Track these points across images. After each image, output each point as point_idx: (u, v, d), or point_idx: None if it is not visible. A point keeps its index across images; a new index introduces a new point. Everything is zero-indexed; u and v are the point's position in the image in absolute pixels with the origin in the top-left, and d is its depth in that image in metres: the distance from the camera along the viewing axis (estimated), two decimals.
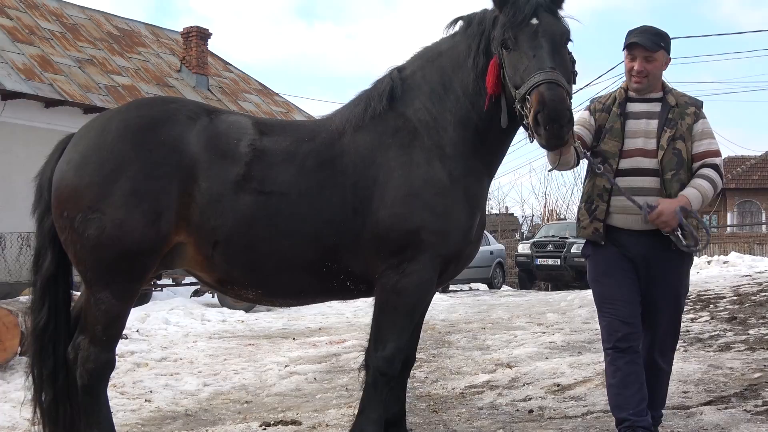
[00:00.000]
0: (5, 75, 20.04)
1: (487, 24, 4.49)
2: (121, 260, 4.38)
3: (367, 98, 4.69)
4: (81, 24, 25.61)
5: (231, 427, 6.42)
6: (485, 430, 5.78)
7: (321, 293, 4.89)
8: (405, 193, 4.37)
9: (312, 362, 9.58)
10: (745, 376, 6.75)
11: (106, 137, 4.49)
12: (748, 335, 8.84)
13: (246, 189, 4.40)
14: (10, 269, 18.51)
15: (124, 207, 4.33)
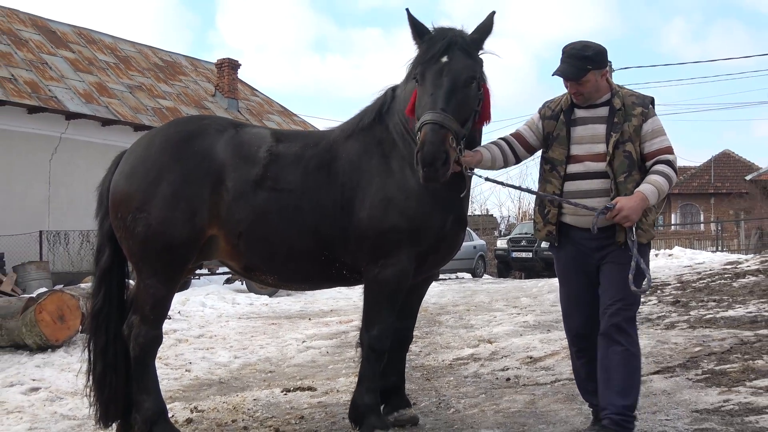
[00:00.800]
0: (68, 99, 20.05)
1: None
2: (164, 252, 4.46)
3: (364, 112, 4.65)
4: (131, 56, 25.63)
5: (257, 393, 6.42)
6: (470, 395, 5.78)
7: (323, 280, 4.80)
8: (380, 197, 4.29)
9: (325, 338, 9.60)
10: (687, 350, 6.75)
11: (150, 150, 4.63)
12: (689, 316, 8.84)
13: (263, 186, 4.42)
14: (73, 261, 18.52)
15: (166, 207, 4.42)
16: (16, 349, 9.35)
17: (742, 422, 4.39)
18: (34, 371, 7.80)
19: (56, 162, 19.60)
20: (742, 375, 5.57)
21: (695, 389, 5.32)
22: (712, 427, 4.33)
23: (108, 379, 4.76)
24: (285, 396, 6.21)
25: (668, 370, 6.04)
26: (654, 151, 4.01)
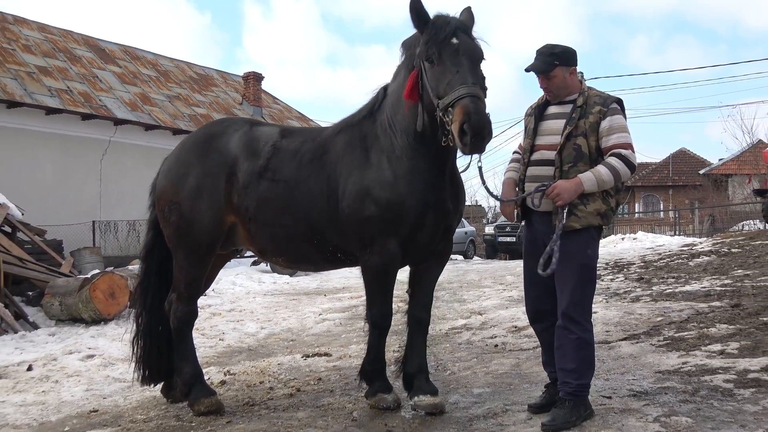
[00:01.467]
0: (116, 107, 20.07)
1: (413, 48, 4.01)
2: (193, 237, 4.50)
3: (359, 109, 4.39)
4: (170, 70, 25.60)
5: (281, 358, 6.44)
6: (463, 359, 5.78)
7: (323, 261, 4.53)
8: (358, 188, 4.02)
9: (338, 312, 9.62)
10: (650, 320, 6.74)
11: (182, 151, 4.73)
12: (652, 291, 8.83)
13: (264, 177, 4.33)
14: (121, 246, 18.57)
15: (192, 198, 4.47)
16: (74, 323, 9.40)
17: (698, 381, 4.39)
18: (89, 341, 7.85)
19: (106, 162, 19.62)
20: (698, 341, 5.57)
21: (658, 353, 5.31)
22: (672, 386, 4.33)
23: (147, 344, 4.84)
24: (305, 361, 6.22)
25: (634, 337, 6.03)
26: (609, 146, 3.77)
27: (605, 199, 3.82)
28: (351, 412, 4.33)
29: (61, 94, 18.82)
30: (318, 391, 5.02)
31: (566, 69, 3.93)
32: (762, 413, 3.67)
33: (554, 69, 3.89)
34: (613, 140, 3.79)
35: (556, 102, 4.01)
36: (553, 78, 3.92)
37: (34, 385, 5.91)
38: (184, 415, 4.54)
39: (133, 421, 4.53)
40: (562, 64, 3.90)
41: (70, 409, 5.04)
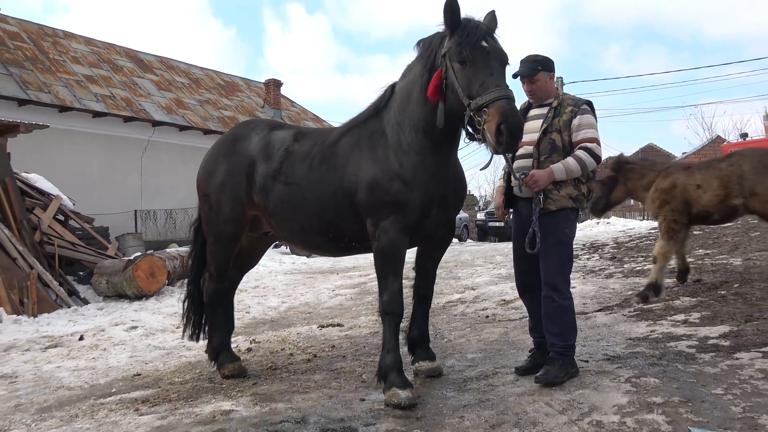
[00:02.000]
0: (154, 110, 20.08)
1: (433, 46, 3.70)
2: (222, 225, 4.48)
3: (366, 108, 4.09)
4: (201, 78, 25.56)
5: (299, 328, 6.45)
6: (458, 328, 5.78)
7: (338, 250, 4.32)
8: (368, 181, 3.77)
9: (349, 288, 9.62)
10: (622, 293, 6.73)
11: (214, 148, 4.69)
12: (623, 268, 8.81)
13: (278, 180, 4.19)
14: (159, 232, 18.64)
15: (219, 192, 4.45)
16: (119, 298, 9.45)
17: (664, 347, 4.38)
18: (132, 314, 7.88)
19: (146, 158, 19.65)
20: (664, 312, 5.56)
21: (629, 323, 5.31)
22: (642, 351, 4.32)
23: (192, 308, 4.89)
24: (320, 330, 6.23)
25: (608, 308, 6.02)
26: (578, 140, 3.84)
27: (577, 186, 3.90)
28: (360, 375, 4.34)
29: (105, 100, 18.83)
30: (332, 356, 5.03)
31: (547, 74, 4.01)
32: (720, 374, 3.66)
33: (537, 73, 3.97)
34: (581, 135, 3.87)
35: (537, 105, 4.08)
36: (537, 81, 3.99)
37: (85, 353, 5.94)
38: (216, 378, 4.56)
39: (171, 383, 4.55)
40: (544, 69, 3.99)
41: (117, 373, 5.07)
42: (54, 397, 4.43)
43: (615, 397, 3.38)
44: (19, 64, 17.78)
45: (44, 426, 3.71)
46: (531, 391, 3.63)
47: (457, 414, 3.35)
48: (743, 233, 10.61)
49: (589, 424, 3.05)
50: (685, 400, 3.26)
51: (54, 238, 10.10)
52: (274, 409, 3.64)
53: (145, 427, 3.50)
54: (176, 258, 10.44)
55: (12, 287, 8.34)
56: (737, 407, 3.11)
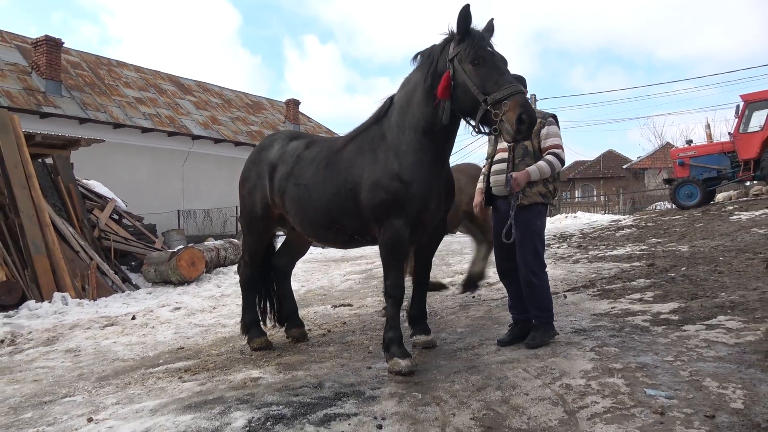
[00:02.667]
0: (193, 126, 20.09)
1: (434, 55, 3.57)
2: (253, 221, 4.46)
3: (371, 116, 3.95)
4: (232, 99, 25.54)
5: (316, 308, 6.44)
6: (449, 307, 5.76)
7: (342, 242, 4.14)
8: (371, 182, 3.64)
9: (357, 274, 9.60)
10: (587, 276, 6.70)
11: (249, 157, 4.63)
12: (588, 255, 8.78)
13: (290, 182, 4.11)
14: (199, 228, 18.67)
15: (252, 194, 4.41)
16: (165, 284, 9.45)
17: (623, 321, 4.36)
18: (176, 297, 7.88)
19: (187, 167, 19.67)
20: (623, 291, 5.53)
21: (593, 301, 5.28)
22: (604, 325, 4.30)
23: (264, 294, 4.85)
24: (334, 310, 6.23)
25: (575, 289, 6.00)
26: (547, 146, 3.87)
27: (545, 184, 3.94)
28: (368, 347, 4.33)
29: (152, 118, 18.83)
30: (343, 331, 5.03)
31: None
32: (670, 344, 3.64)
33: None
34: (549, 142, 3.91)
35: None
36: None
37: (136, 330, 5.94)
38: (246, 350, 4.56)
39: (209, 355, 4.55)
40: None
41: (163, 347, 5.07)
42: (111, 367, 4.44)
43: (581, 364, 3.36)
44: (80, 89, 17.79)
45: (103, 392, 3.72)
46: (511, 360, 3.62)
47: (449, 379, 3.34)
48: (689, 224, 10.57)
49: (560, 386, 3.04)
50: (641, 366, 3.24)
51: (110, 234, 10.12)
52: (295, 376, 3.63)
53: (187, 392, 3.49)
54: (213, 250, 10.44)
55: (75, 275, 8.36)
56: (685, 371, 3.10)
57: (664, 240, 9.29)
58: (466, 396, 3.02)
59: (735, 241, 7.75)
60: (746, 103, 13.73)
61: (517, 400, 2.90)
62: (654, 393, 2.82)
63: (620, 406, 2.71)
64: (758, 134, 13.27)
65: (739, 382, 2.88)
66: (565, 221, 18.11)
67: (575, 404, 2.79)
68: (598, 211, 28.95)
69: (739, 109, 13.87)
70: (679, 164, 14.86)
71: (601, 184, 42.50)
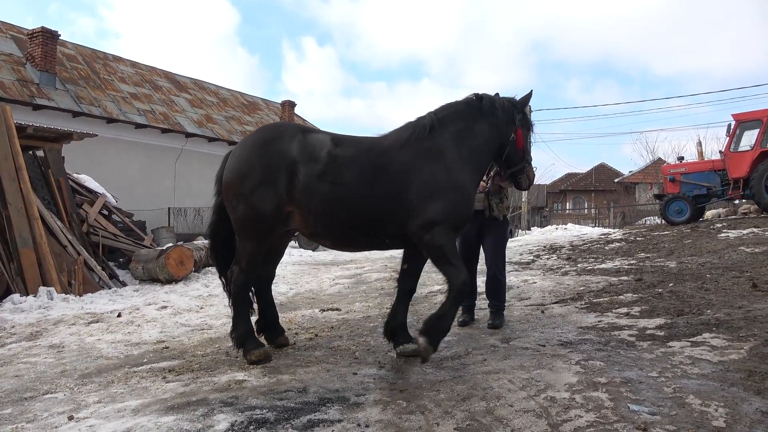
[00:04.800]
0: (188, 124, 20.00)
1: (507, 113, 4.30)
2: (256, 222, 4.00)
3: (414, 127, 4.08)
4: (228, 98, 25.47)
5: (304, 311, 6.41)
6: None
7: (367, 245, 4.22)
8: (429, 191, 3.83)
9: (346, 278, 9.57)
10: (575, 289, 6.72)
11: (243, 151, 4.14)
12: (577, 267, 8.82)
13: (325, 180, 3.89)
14: (189, 226, 18.54)
15: (258, 190, 3.95)
16: (153, 282, 9.38)
17: (610, 335, 4.39)
18: (163, 296, 7.81)
19: (179, 164, 19.57)
20: (610, 305, 5.56)
21: (580, 314, 5.30)
22: (590, 338, 4.32)
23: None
24: (321, 314, 6.20)
25: (563, 301, 6.02)
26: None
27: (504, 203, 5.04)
28: (354, 352, 4.32)
29: (146, 114, 18.74)
30: (331, 336, 5.01)
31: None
32: (656, 359, 3.66)
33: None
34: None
35: None
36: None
37: (122, 328, 5.89)
38: (232, 352, 4.52)
39: (194, 356, 4.51)
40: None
41: (148, 346, 5.02)
42: (94, 365, 4.39)
43: (566, 377, 3.37)
44: (75, 82, 17.68)
45: (85, 390, 3.68)
46: (496, 370, 3.62)
47: (434, 388, 3.34)
48: (678, 240, 10.65)
49: (545, 399, 3.05)
50: (626, 381, 3.26)
51: (99, 230, 10.04)
52: (280, 380, 3.62)
53: (170, 392, 3.47)
54: (202, 249, 10.38)
55: (62, 270, 8.28)
56: (669, 388, 3.12)
57: (653, 255, 9.35)
58: (451, 405, 3.02)
59: (722, 259, 7.82)
60: (737, 122, 13.89)
61: (502, 412, 2.90)
62: (637, 408, 2.83)
63: (603, 421, 2.72)
64: (748, 153, 13.42)
65: (721, 400, 2.90)
66: (555, 233, 18.20)
67: (559, 417, 2.79)
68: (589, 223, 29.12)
69: (730, 128, 14.04)
70: (670, 180, 14.99)
71: (593, 196, 42.79)
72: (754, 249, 8.20)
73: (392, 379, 3.57)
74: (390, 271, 10.00)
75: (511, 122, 4.32)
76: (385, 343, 4.52)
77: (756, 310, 4.74)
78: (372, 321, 5.65)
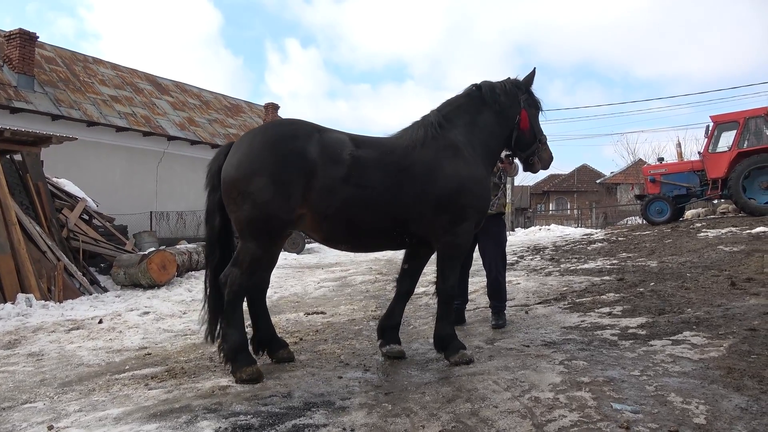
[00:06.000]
0: (169, 127, 19.81)
1: (510, 94, 4.28)
2: (264, 223, 3.66)
3: (425, 126, 4.04)
4: (210, 100, 25.27)
5: (288, 315, 6.38)
6: (423, 317, 5.77)
7: (388, 246, 4.13)
8: (456, 187, 3.86)
9: (332, 281, 9.54)
10: (558, 289, 6.78)
11: (253, 147, 3.72)
12: (560, 268, 8.89)
13: (349, 183, 3.68)
14: (171, 230, 18.32)
15: (268, 191, 3.60)
16: (135, 287, 9.26)
17: (592, 334, 4.43)
18: (146, 301, 7.73)
19: (161, 168, 19.36)
20: (592, 305, 5.61)
21: (563, 314, 5.35)
22: (573, 338, 4.36)
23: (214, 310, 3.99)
24: (306, 317, 6.17)
25: (546, 301, 6.06)
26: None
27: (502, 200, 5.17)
28: (339, 356, 4.30)
29: (127, 117, 18.52)
30: (315, 340, 4.99)
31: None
32: (638, 358, 3.71)
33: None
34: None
35: None
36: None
37: (103, 334, 5.80)
38: (215, 357, 4.47)
39: (177, 362, 4.46)
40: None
41: (130, 353, 4.96)
42: (75, 373, 4.32)
43: (550, 377, 3.40)
44: (54, 85, 17.41)
45: (65, 398, 3.61)
46: (481, 371, 3.64)
47: (419, 390, 3.34)
48: (659, 240, 10.80)
49: (529, 399, 3.06)
50: (609, 380, 3.29)
51: (79, 235, 9.88)
52: (264, 385, 3.59)
53: (153, 399, 3.42)
54: (185, 253, 10.28)
55: (41, 276, 8.13)
56: (651, 386, 3.15)
57: (634, 255, 9.47)
58: (436, 408, 3.02)
59: (702, 258, 7.95)
60: (716, 123, 14.15)
61: (487, 413, 2.91)
62: (620, 407, 2.86)
63: (587, 420, 2.74)
64: (726, 154, 13.68)
65: (702, 397, 2.95)
66: (538, 234, 18.33)
67: (543, 417, 2.81)
68: (571, 224, 29.41)
69: (708, 129, 14.30)
70: (651, 181, 15.21)
71: (575, 197, 43.24)
72: (733, 248, 8.35)
73: (378, 382, 3.56)
74: (375, 273, 9.99)
75: (516, 105, 4.29)
76: (370, 346, 4.52)
77: (735, 308, 4.82)
78: (357, 324, 5.64)
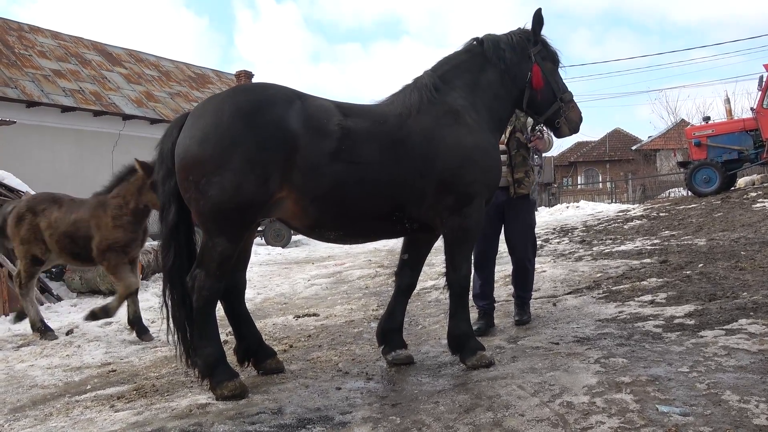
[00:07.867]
0: (124, 104, 19.71)
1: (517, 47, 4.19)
2: (235, 212, 3.55)
3: (418, 89, 3.99)
4: (171, 70, 25.14)
5: (276, 319, 6.41)
6: (433, 314, 5.81)
7: (385, 233, 4.12)
8: (459, 160, 3.82)
9: (324, 278, 9.58)
10: (591, 276, 6.81)
11: (221, 117, 3.56)
12: (592, 251, 8.92)
13: (339, 159, 3.60)
14: None
15: (241, 172, 3.47)
16: (93, 294, 9.29)
17: (632, 327, 4.45)
18: None
19: (117, 152, 19.27)
20: (631, 293, 5.64)
21: (598, 304, 5.38)
22: (610, 332, 4.39)
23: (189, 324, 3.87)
24: (296, 321, 6.21)
25: (578, 291, 6.09)
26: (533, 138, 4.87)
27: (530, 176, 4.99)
28: (337, 364, 4.33)
29: (74, 94, 18.42)
30: (308, 346, 5.01)
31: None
32: (686, 352, 3.73)
33: None
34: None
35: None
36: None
37: (59, 350, 5.83)
38: (191, 373, 4.49)
39: (146, 378, 4.49)
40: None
41: (91, 370, 4.98)
42: (27, 396, 4.34)
43: (585, 378, 3.42)
44: None
45: (18, 426, 3.64)
46: (504, 375, 3.66)
47: (432, 399, 3.36)
48: (707, 214, 10.83)
49: (560, 405, 3.09)
50: (653, 378, 3.31)
51: None
52: (250, 400, 3.61)
53: (120, 423, 3.44)
54: (150, 252, 10.28)
55: None
56: (702, 384, 3.18)
57: (679, 233, 9.49)
58: (452, 419, 3.05)
59: (758, 233, 7.97)
60: None
61: (512, 422, 2.94)
62: (667, 410, 2.89)
63: (629, 426, 2.77)
64: None
65: (762, 394, 2.97)
66: (566, 212, 18.37)
67: (578, 425, 2.83)
68: (604, 199, 29.43)
69: (762, 80, 14.24)
70: (696, 145, 15.19)
71: (607, 168, 43.20)
72: None
73: (383, 392, 3.59)
74: (375, 266, 10.03)
75: (526, 59, 4.21)
76: (372, 351, 4.55)
77: None
78: (356, 326, 5.67)
